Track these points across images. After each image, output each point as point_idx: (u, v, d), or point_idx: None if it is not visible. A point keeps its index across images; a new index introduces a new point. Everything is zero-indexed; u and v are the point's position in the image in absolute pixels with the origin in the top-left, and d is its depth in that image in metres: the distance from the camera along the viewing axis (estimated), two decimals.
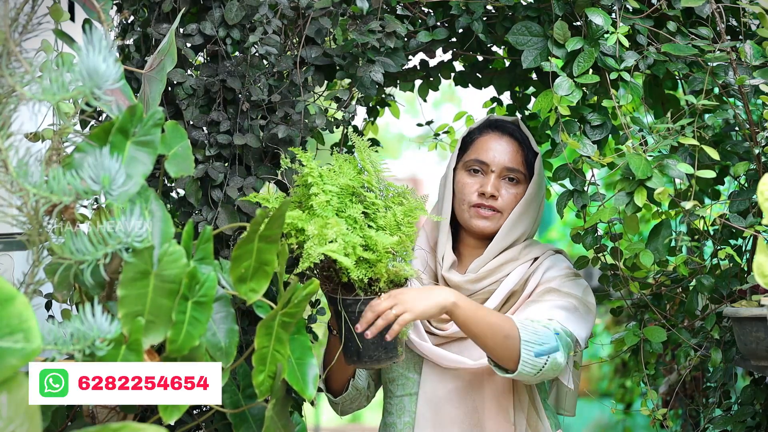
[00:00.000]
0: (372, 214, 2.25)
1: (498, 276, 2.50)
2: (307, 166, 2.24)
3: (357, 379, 2.54)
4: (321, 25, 2.47)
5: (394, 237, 2.20)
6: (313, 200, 2.19)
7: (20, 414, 1.48)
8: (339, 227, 2.13)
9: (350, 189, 2.27)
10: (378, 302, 2.19)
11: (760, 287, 2.32)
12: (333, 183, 2.24)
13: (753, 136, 2.45)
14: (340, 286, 2.23)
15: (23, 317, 1.46)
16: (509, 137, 2.54)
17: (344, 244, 2.13)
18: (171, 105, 2.44)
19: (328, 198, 2.21)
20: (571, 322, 2.39)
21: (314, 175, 2.22)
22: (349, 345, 2.25)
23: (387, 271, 2.19)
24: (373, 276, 2.19)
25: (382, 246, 2.17)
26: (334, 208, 2.22)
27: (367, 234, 2.19)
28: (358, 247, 2.15)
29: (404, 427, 2.50)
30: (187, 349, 1.78)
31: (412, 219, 2.26)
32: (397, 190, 2.32)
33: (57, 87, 1.53)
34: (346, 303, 2.21)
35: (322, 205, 2.19)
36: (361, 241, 2.17)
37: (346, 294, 2.22)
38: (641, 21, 2.51)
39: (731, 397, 2.73)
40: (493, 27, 2.69)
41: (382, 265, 2.18)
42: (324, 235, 2.12)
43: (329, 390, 2.55)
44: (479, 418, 2.44)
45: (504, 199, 2.50)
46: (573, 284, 2.47)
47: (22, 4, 1.76)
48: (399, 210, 2.25)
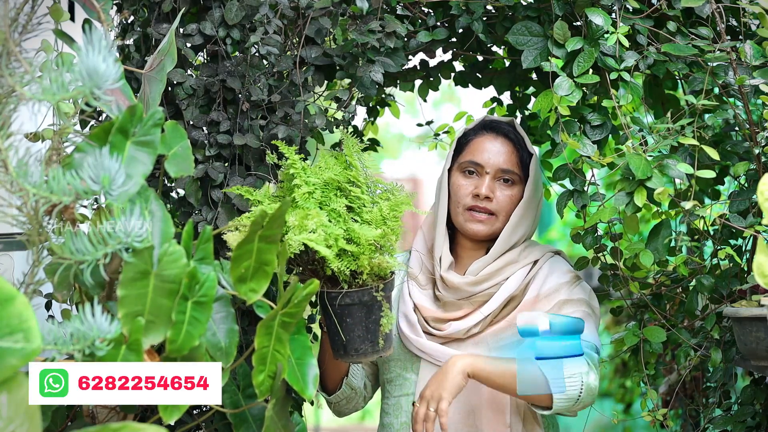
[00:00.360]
0: (357, 208, 2.26)
1: (498, 279, 2.50)
2: (290, 158, 2.25)
3: (351, 378, 2.53)
4: (321, 25, 2.47)
5: (378, 230, 2.20)
6: (296, 192, 2.20)
7: (20, 414, 1.48)
8: (319, 218, 2.14)
9: (335, 183, 2.28)
10: (416, 413, 2.27)
11: (760, 287, 2.32)
12: (317, 176, 2.25)
13: (753, 136, 2.45)
14: (325, 280, 2.23)
15: (23, 317, 1.46)
16: (504, 138, 2.54)
17: (325, 235, 2.14)
18: (171, 105, 2.44)
19: (310, 190, 2.22)
20: (591, 333, 2.43)
21: (297, 167, 2.24)
22: (336, 339, 2.26)
23: (370, 263, 2.19)
24: (356, 268, 2.19)
25: (365, 239, 2.17)
26: (316, 200, 2.23)
27: (350, 227, 2.20)
28: (341, 239, 2.16)
29: (401, 428, 2.50)
30: (187, 349, 1.78)
31: (397, 213, 2.26)
32: (386, 187, 2.32)
33: (57, 87, 1.53)
34: (331, 296, 2.22)
35: (304, 196, 2.20)
36: (344, 233, 2.18)
37: (331, 287, 2.23)
38: (641, 21, 2.51)
39: (731, 397, 2.73)
40: (493, 27, 2.68)
41: (365, 257, 2.18)
42: (304, 226, 2.12)
43: (324, 389, 2.54)
44: (476, 419, 2.43)
45: (498, 200, 2.50)
46: (580, 289, 2.51)
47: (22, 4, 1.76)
48: (386, 205, 2.26)
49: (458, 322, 2.47)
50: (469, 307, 2.48)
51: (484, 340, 2.47)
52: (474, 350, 2.43)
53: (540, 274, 2.50)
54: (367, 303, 2.23)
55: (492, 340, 2.46)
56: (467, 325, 2.45)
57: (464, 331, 2.45)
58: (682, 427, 3.27)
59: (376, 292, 2.22)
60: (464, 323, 2.46)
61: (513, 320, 2.44)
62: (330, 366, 2.47)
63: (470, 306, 2.48)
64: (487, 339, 2.46)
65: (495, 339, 2.46)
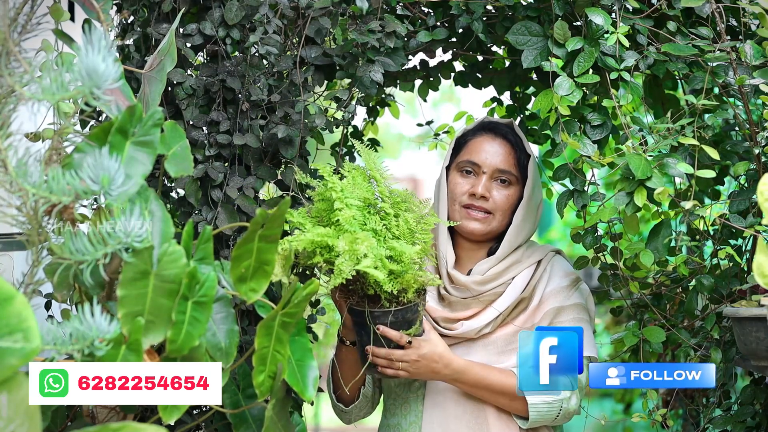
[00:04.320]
0: (388, 224, 2.24)
1: (504, 279, 2.51)
2: (330, 181, 2.21)
3: (366, 387, 2.54)
4: (321, 25, 2.47)
5: (417, 246, 2.20)
6: (339, 215, 2.16)
7: (20, 414, 1.48)
8: (369, 242, 2.12)
9: (368, 201, 2.26)
10: (402, 355, 2.29)
11: (760, 287, 2.32)
12: (354, 196, 2.22)
13: (753, 136, 2.45)
14: (366, 299, 2.23)
15: (22, 317, 1.46)
16: (502, 139, 2.55)
17: (374, 258, 2.12)
18: (171, 105, 2.44)
19: (352, 213, 2.18)
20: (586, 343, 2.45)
21: (337, 190, 2.20)
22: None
23: (415, 281, 2.20)
24: (401, 287, 2.19)
25: (408, 256, 2.17)
26: (359, 222, 2.20)
27: (390, 245, 2.18)
28: (386, 260, 2.15)
29: (410, 427, 2.50)
30: (187, 349, 1.78)
31: (425, 226, 2.26)
32: (401, 197, 2.31)
33: (56, 87, 1.53)
34: (375, 315, 2.23)
35: (349, 220, 2.17)
36: (387, 252, 2.17)
37: (371, 306, 2.23)
38: (641, 21, 2.51)
39: (731, 397, 2.73)
40: (493, 27, 2.68)
41: (410, 275, 2.18)
42: (355, 251, 2.10)
43: (340, 400, 2.55)
44: (485, 416, 2.44)
45: (495, 200, 2.51)
46: (577, 294, 2.52)
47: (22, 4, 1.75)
48: (409, 217, 2.24)
49: (470, 321, 2.47)
50: (478, 306, 2.49)
51: (494, 342, 2.47)
52: (483, 351, 2.45)
53: (544, 276, 2.53)
54: (409, 320, 2.25)
55: (502, 343, 2.47)
56: (479, 324, 2.46)
57: (476, 331, 2.46)
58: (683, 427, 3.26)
59: (419, 309, 2.25)
60: (476, 322, 2.46)
61: (522, 324, 2.48)
62: (350, 378, 2.48)
63: (478, 305, 2.49)
64: (498, 341, 2.47)
65: (505, 342, 2.47)
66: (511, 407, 2.42)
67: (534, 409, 2.40)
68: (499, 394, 2.40)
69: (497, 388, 2.40)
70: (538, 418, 2.41)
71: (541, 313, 2.49)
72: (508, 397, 2.40)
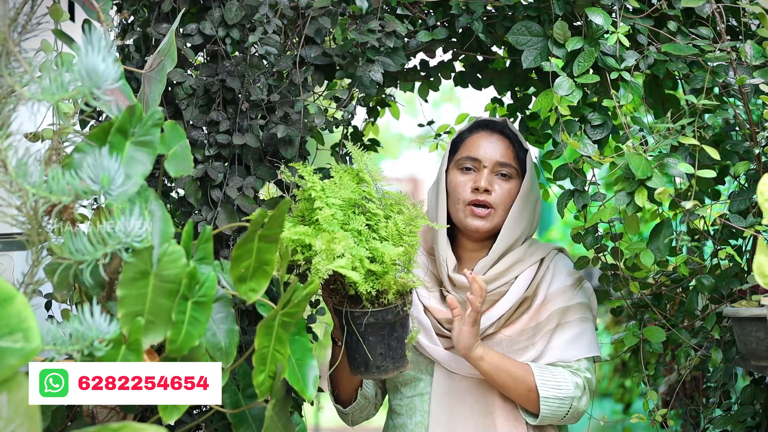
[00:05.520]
0: (374, 224, 2.23)
1: (507, 278, 2.51)
2: (308, 180, 2.21)
3: (365, 388, 2.54)
4: (321, 25, 2.47)
5: (400, 248, 2.18)
6: (318, 214, 2.16)
7: (20, 414, 1.48)
8: (346, 242, 2.11)
9: (352, 201, 2.24)
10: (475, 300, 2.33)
11: (760, 287, 2.32)
12: (335, 196, 2.21)
13: (753, 136, 2.45)
14: (347, 299, 2.22)
15: (22, 317, 1.46)
16: (499, 134, 2.57)
17: (351, 258, 2.11)
18: (171, 105, 2.44)
19: (332, 212, 2.18)
20: (590, 342, 2.48)
21: (317, 189, 2.20)
22: (356, 356, 2.26)
23: (396, 282, 2.19)
24: (381, 288, 2.18)
25: (389, 258, 2.16)
26: (339, 221, 2.19)
27: (372, 246, 2.17)
28: (365, 260, 2.13)
29: (416, 427, 2.50)
30: (186, 349, 1.78)
31: (414, 228, 2.25)
32: (394, 198, 2.30)
33: (56, 87, 1.53)
34: (354, 315, 2.21)
35: (328, 219, 2.16)
36: (368, 253, 2.15)
37: (352, 306, 2.21)
38: (641, 21, 2.51)
39: (731, 397, 2.73)
40: (493, 27, 2.68)
41: (390, 277, 2.17)
42: (332, 250, 2.09)
43: (338, 401, 2.55)
44: (492, 417, 2.45)
45: (497, 193, 2.51)
46: (582, 293, 2.54)
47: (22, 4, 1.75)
48: (399, 219, 2.23)
49: None
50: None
51: (499, 342, 2.47)
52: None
53: (547, 275, 2.53)
54: (390, 321, 2.22)
55: (508, 343, 2.47)
56: (483, 324, 2.46)
57: (480, 331, 2.45)
58: (683, 427, 3.26)
59: (400, 311, 2.22)
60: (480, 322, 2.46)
61: (527, 323, 2.48)
62: (345, 379, 2.47)
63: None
64: (503, 341, 2.47)
65: (510, 341, 2.47)
66: (526, 399, 2.42)
67: (545, 404, 2.40)
68: (517, 381, 2.40)
69: (515, 374, 2.40)
70: (549, 414, 2.41)
71: (546, 313, 2.49)
72: (525, 386, 2.40)
